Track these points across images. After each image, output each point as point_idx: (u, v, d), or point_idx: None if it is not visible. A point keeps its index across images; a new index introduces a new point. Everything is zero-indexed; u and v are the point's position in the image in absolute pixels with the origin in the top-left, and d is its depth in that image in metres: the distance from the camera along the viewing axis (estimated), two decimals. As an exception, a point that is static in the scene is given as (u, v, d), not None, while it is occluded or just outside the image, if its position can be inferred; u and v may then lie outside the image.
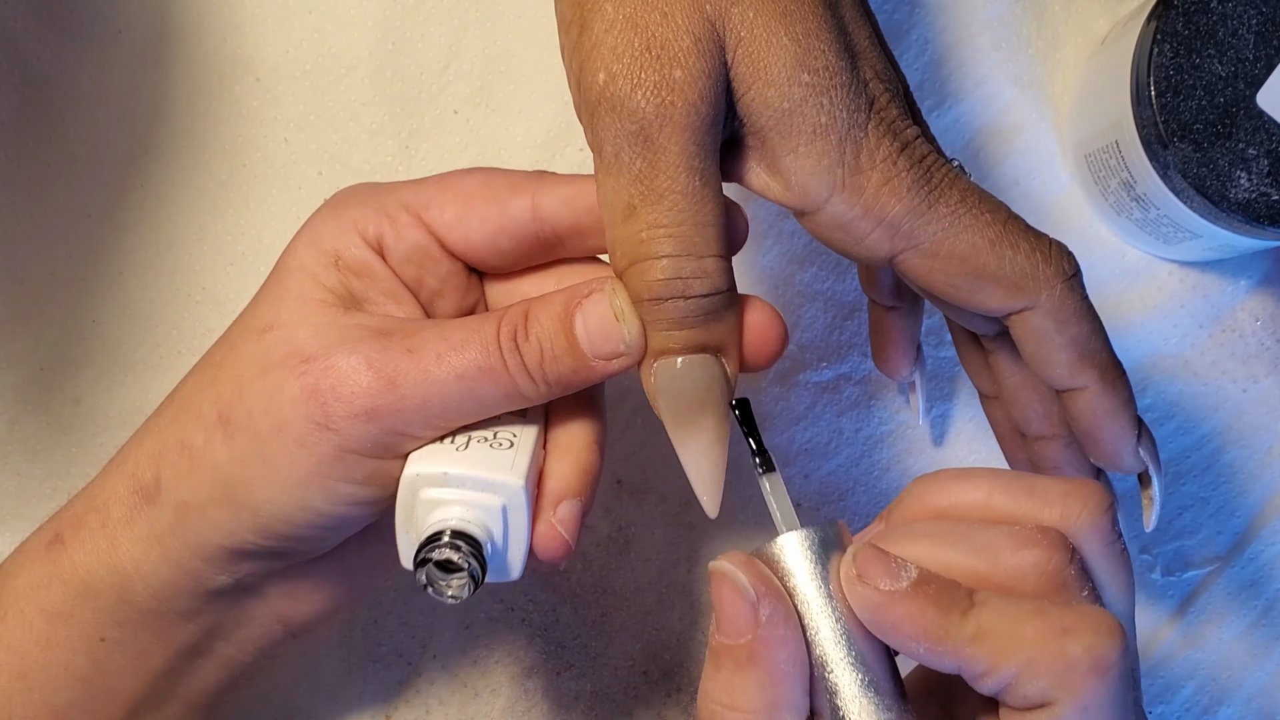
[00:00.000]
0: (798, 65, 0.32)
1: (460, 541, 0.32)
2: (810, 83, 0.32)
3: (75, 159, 0.45)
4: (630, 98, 0.31)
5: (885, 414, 0.48)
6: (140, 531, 0.34)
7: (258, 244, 0.46)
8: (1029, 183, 0.48)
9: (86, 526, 0.35)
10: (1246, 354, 0.49)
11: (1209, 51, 0.41)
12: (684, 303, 0.32)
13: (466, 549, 0.32)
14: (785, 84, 0.32)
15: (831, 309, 0.48)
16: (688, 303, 0.32)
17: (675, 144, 0.31)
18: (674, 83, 0.31)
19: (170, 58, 0.45)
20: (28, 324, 0.44)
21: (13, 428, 0.44)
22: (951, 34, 0.48)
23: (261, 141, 0.46)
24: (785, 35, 0.32)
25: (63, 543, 0.35)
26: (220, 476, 0.33)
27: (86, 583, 0.35)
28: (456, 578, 0.32)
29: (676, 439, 0.33)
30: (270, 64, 0.46)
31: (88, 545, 0.35)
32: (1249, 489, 0.49)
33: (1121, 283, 0.48)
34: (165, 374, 0.45)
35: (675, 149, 0.31)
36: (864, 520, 0.48)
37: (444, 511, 0.33)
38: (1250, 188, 0.42)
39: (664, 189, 0.31)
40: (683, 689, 0.48)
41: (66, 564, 0.35)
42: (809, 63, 0.32)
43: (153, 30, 0.45)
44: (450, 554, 0.32)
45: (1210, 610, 0.49)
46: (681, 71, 0.31)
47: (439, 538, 0.32)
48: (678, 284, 0.31)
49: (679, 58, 0.31)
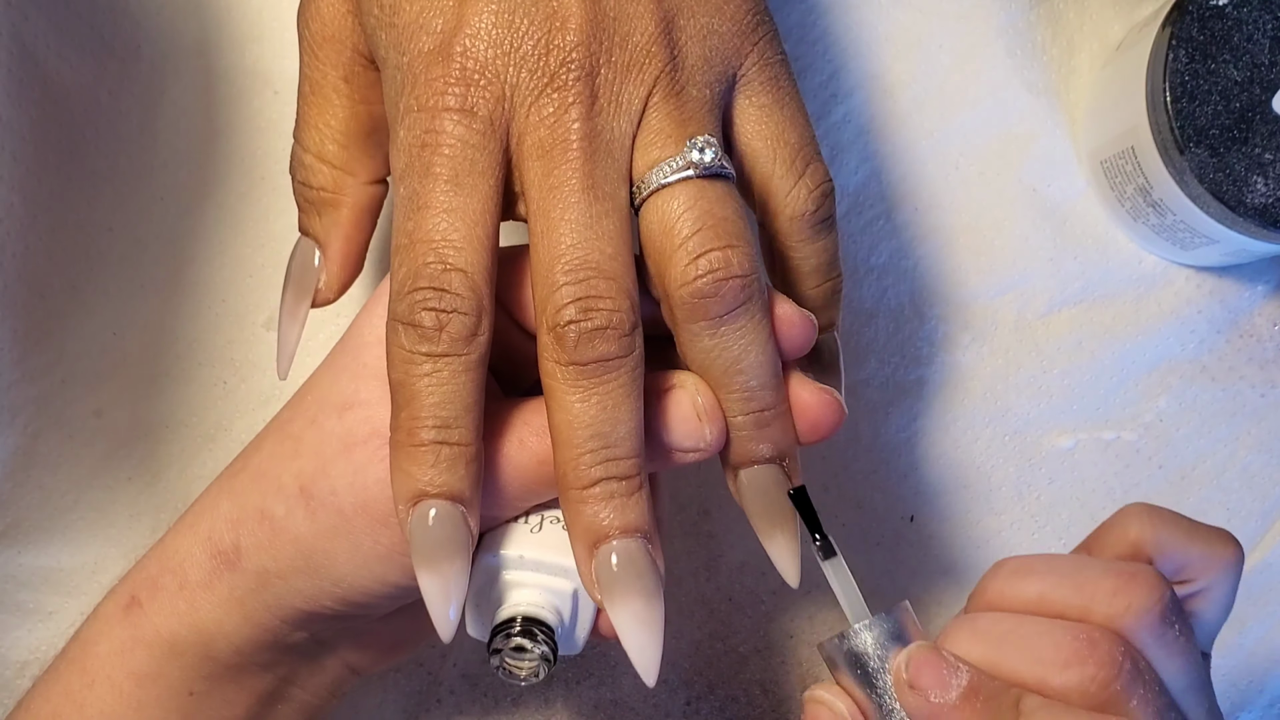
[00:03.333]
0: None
1: (534, 628, 0.33)
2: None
3: (95, 173, 0.45)
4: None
5: (904, 419, 0.48)
6: (221, 595, 0.35)
7: (277, 256, 0.46)
8: (1045, 189, 0.48)
9: (164, 589, 0.36)
10: (1264, 359, 0.49)
11: (1224, 57, 0.42)
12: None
13: (541, 635, 0.33)
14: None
15: (848, 314, 0.48)
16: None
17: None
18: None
19: (189, 72, 0.46)
20: (49, 338, 0.44)
21: (35, 441, 0.44)
22: (965, 41, 0.48)
23: (280, 154, 0.46)
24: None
25: (140, 606, 0.36)
26: (302, 548, 0.34)
27: (170, 643, 0.36)
28: (529, 660, 0.33)
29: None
30: (288, 77, 0.46)
31: (167, 608, 0.36)
32: (1267, 493, 0.49)
33: (1138, 289, 0.48)
34: (186, 386, 0.46)
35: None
36: (887, 526, 0.48)
37: (518, 594, 0.34)
38: (1266, 192, 0.42)
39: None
40: (702, 697, 0.48)
41: (148, 627, 0.36)
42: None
43: (171, 45, 0.46)
44: (524, 640, 0.33)
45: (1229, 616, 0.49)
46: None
47: (512, 624, 0.33)
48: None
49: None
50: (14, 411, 0.43)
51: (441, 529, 0.31)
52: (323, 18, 0.36)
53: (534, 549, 0.33)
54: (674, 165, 0.32)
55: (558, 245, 0.31)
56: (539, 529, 0.34)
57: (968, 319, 0.48)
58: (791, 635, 0.48)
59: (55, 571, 0.44)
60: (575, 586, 0.34)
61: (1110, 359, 0.48)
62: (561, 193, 0.32)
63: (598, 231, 0.32)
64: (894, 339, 0.48)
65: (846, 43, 0.48)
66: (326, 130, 0.37)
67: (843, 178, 0.48)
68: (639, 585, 0.32)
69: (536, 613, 0.33)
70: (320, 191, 0.38)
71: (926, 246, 0.48)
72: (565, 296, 0.31)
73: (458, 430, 0.32)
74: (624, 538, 0.32)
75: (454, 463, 0.31)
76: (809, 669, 0.48)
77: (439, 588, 0.32)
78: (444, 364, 0.31)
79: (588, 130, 0.32)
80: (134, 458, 0.45)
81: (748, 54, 0.34)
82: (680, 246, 0.32)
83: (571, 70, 0.32)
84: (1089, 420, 0.49)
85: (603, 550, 0.32)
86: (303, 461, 0.34)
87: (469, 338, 0.31)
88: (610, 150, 0.32)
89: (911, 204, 0.48)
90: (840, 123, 0.48)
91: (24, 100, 0.44)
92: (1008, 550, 0.48)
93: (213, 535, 0.35)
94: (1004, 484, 0.48)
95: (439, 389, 0.31)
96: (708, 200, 0.32)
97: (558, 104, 0.32)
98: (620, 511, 0.32)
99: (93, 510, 0.45)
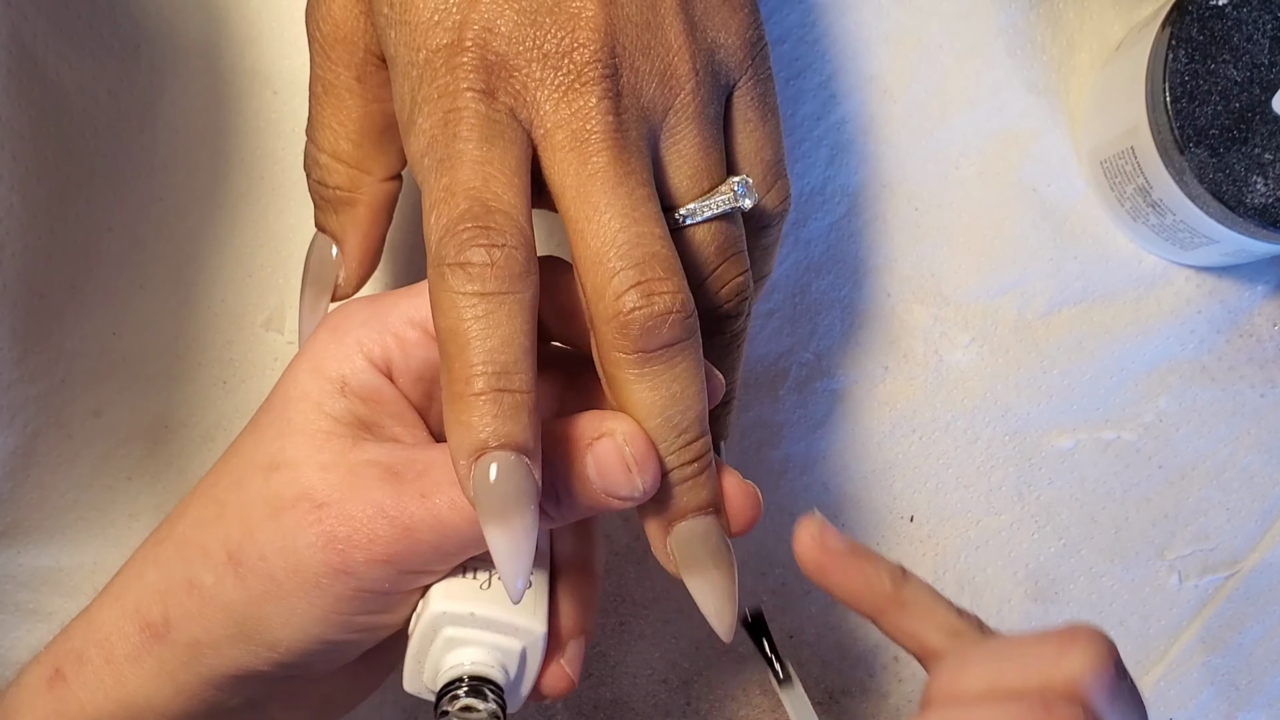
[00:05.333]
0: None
1: (484, 687, 0.32)
2: None
3: (94, 173, 0.45)
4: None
5: (903, 419, 0.48)
6: (150, 669, 0.34)
7: (276, 256, 0.46)
8: (1044, 189, 0.48)
9: (89, 662, 0.34)
10: (1264, 359, 0.49)
11: (1224, 57, 0.42)
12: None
13: (491, 694, 0.32)
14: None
15: (849, 316, 0.48)
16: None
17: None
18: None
19: (188, 72, 0.46)
20: (48, 337, 0.44)
21: (34, 440, 0.44)
22: (965, 41, 0.48)
23: (279, 154, 0.46)
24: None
25: (65, 680, 0.34)
26: (234, 616, 0.33)
27: (95, 719, 0.34)
28: (477, 718, 0.32)
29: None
30: (288, 77, 0.46)
31: (92, 683, 0.34)
32: (1266, 493, 0.49)
33: (1138, 289, 0.48)
34: (186, 386, 0.46)
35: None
36: (887, 526, 0.48)
37: (465, 653, 0.33)
38: (1266, 192, 0.42)
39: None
40: (702, 697, 0.48)
41: (73, 702, 0.34)
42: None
43: (171, 45, 0.46)
44: (474, 700, 0.32)
45: (1229, 615, 0.49)
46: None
47: (460, 684, 0.32)
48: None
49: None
50: (13, 411, 0.43)
51: (508, 482, 0.29)
52: (334, 18, 0.36)
53: (485, 606, 0.32)
54: (718, 204, 0.34)
55: (606, 232, 0.31)
56: (489, 585, 0.33)
57: (968, 319, 0.48)
58: (791, 635, 0.48)
59: (55, 571, 0.44)
60: (524, 645, 0.33)
61: (1110, 359, 0.48)
62: (601, 180, 0.31)
63: (645, 213, 0.32)
64: (893, 339, 0.48)
65: (846, 43, 0.48)
66: (341, 129, 0.37)
67: (843, 178, 0.48)
68: (719, 556, 0.33)
69: (486, 671, 0.32)
70: (336, 190, 0.38)
71: (926, 246, 0.48)
72: (624, 282, 0.31)
73: (517, 376, 0.30)
74: (698, 516, 0.33)
75: (516, 411, 0.30)
76: (809, 669, 0.48)
77: (508, 544, 0.29)
78: (497, 302, 0.30)
79: (619, 125, 0.32)
80: (133, 458, 0.45)
81: (746, 68, 0.35)
82: (711, 274, 0.34)
83: (598, 68, 0.32)
84: (1089, 420, 0.49)
85: (679, 529, 0.33)
86: (229, 527, 0.33)
87: (522, 274, 0.30)
88: (639, 145, 0.33)
89: (911, 204, 0.48)
90: (840, 123, 0.48)
91: (24, 100, 0.44)
92: (1008, 550, 0.48)
93: (140, 607, 0.34)
94: (1004, 484, 0.48)
95: (495, 331, 0.30)
96: (734, 234, 0.35)
97: (587, 99, 0.32)
98: (694, 492, 0.32)
99: (92, 510, 0.45)
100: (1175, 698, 0.49)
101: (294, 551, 0.32)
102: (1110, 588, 0.49)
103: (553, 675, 0.34)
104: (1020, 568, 0.49)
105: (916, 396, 0.48)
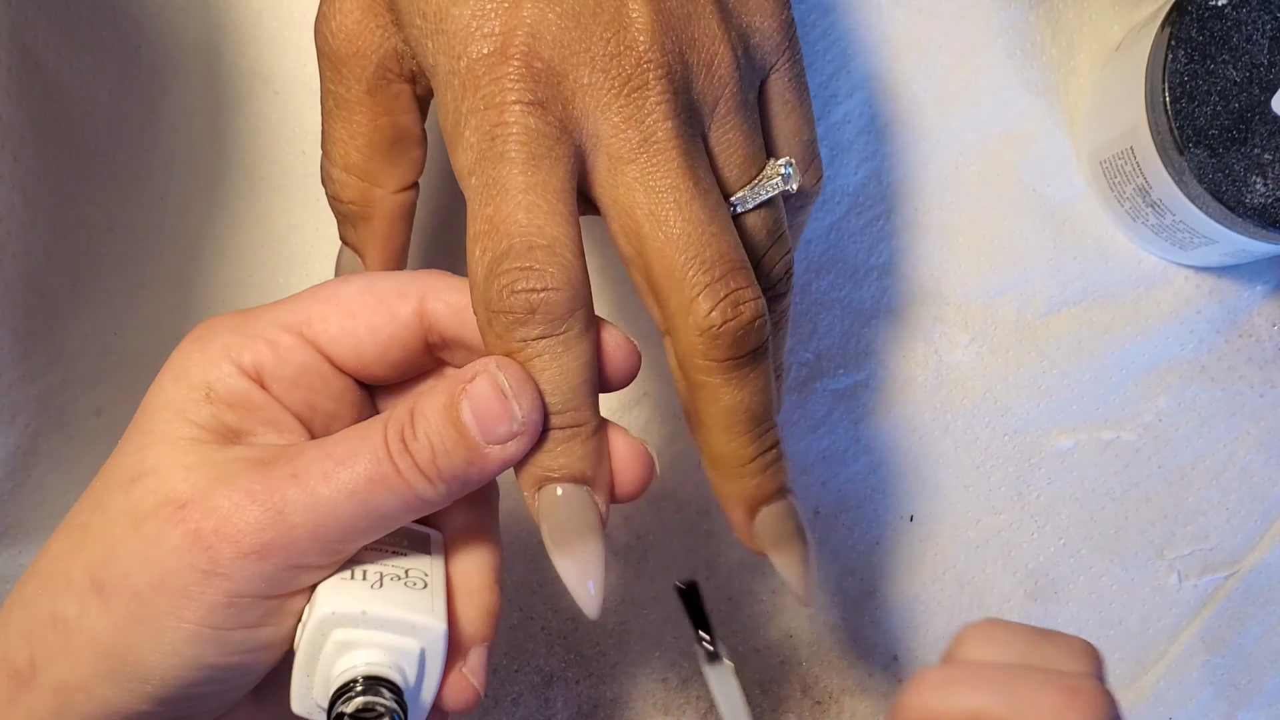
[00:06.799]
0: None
1: (381, 687, 0.30)
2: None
3: (95, 173, 0.45)
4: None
5: (903, 419, 0.48)
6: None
7: (276, 256, 0.46)
8: (1044, 190, 0.48)
9: None
10: (1263, 359, 0.49)
11: (1223, 57, 0.42)
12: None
13: (389, 695, 0.30)
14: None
15: (849, 316, 0.48)
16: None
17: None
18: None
19: (189, 72, 0.46)
20: (49, 337, 0.44)
21: (36, 440, 0.44)
22: (965, 41, 0.48)
23: (280, 154, 0.46)
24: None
25: None
26: (100, 649, 0.30)
27: None
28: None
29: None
30: (288, 77, 0.46)
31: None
32: (1266, 493, 0.49)
33: (1137, 289, 0.48)
34: (186, 386, 0.46)
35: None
36: (887, 526, 0.48)
37: (357, 655, 0.30)
38: (1266, 192, 0.42)
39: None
40: (702, 696, 0.48)
41: None
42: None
43: (171, 45, 0.46)
44: (373, 698, 0.29)
45: (1228, 615, 0.49)
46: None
47: (353, 685, 0.30)
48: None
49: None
50: (14, 411, 0.43)
51: (568, 509, 0.32)
52: (345, 32, 0.36)
53: (378, 605, 0.30)
54: (768, 188, 0.34)
55: (686, 244, 0.32)
56: (380, 585, 0.31)
57: (968, 319, 0.48)
58: (791, 635, 0.48)
59: (55, 571, 0.44)
60: (422, 645, 0.31)
61: (1110, 359, 0.48)
62: (673, 194, 0.32)
63: (721, 224, 0.32)
64: (893, 339, 0.48)
65: (846, 43, 0.48)
66: (351, 144, 0.37)
67: (843, 178, 0.48)
68: (800, 534, 0.35)
69: (382, 672, 0.30)
70: (350, 205, 0.38)
71: (926, 246, 0.48)
72: (713, 297, 0.32)
73: (569, 413, 0.31)
74: (781, 499, 0.35)
75: (570, 444, 0.32)
76: (809, 668, 0.48)
77: (575, 569, 0.32)
78: (543, 346, 0.31)
79: (678, 128, 0.32)
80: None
81: (784, 51, 0.35)
82: (763, 257, 0.35)
83: (651, 70, 0.32)
84: (1089, 420, 0.49)
85: (765, 512, 0.35)
86: (90, 550, 0.30)
87: (565, 316, 0.31)
88: (699, 147, 0.33)
89: (911, 204, 0.48)
90: (840, 123, 0.48)
91: (24, 100, 0.44)
92: (1007, 550, 0.49)
93: (7, 654, 0.31)
94: (1004, 484, 0.49)
95: (542, 375, 0.31)
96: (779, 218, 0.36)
97: (642, 104, 0.31)
98: (775, 476, 0.34)
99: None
100: (1175, 697, 0.49)
101: (158, 560, 0.29)
102: (1110, 587, 0.49)
103: (455, 686, 0.32)
104: (1020, 567, 0.49)
105: (916, 396, 0.48)
